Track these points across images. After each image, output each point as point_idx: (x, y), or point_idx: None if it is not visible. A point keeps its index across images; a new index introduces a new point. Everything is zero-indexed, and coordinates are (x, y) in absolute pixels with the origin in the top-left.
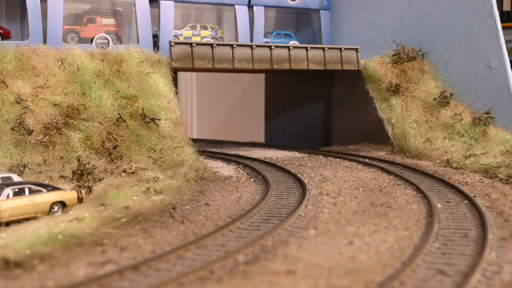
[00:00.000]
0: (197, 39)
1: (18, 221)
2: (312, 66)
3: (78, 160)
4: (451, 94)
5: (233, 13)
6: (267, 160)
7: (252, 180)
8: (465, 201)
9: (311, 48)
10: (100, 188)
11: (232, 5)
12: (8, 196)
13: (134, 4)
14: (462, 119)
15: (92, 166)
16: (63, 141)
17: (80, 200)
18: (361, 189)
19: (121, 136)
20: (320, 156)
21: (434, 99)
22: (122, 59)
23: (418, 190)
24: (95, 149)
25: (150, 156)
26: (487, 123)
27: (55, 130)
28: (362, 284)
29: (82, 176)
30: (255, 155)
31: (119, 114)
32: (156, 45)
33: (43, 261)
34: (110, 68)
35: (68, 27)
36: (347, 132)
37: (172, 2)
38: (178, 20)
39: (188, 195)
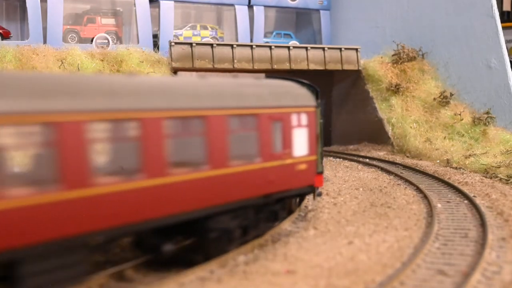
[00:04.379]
0: (197, 39)
1: None
2: (312, 66)
3: None
4: (451, 94)
5: (233, 13)
6: None
7: None
8: (465, 201)
9: (311, 48)
10: None
11: (232, 5)
12: None
13: (134, 4)
14: (462, 119)
15: None
16: None
17: None
18: (361, 189)
19: None
20: None
21: (434, 99)
22: (122, 59)
23: (418, 190)
24: None
25: None
26: (487, 123)
27: None
28: (362, 284)
29: None
30: None
31: None
32: (156, 45)
33: None
34: (110, 68)
35: (68, 27)
36: (347, 132)
37: (172, 2)
38: (178, 20)
39: None
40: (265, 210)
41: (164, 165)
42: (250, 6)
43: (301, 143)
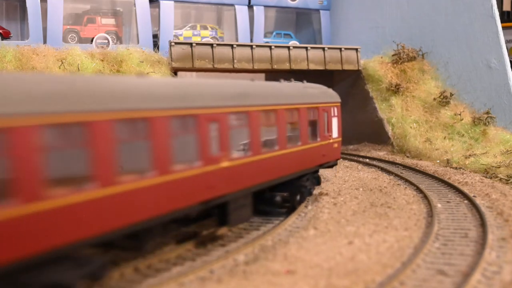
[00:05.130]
0: (197, 39)
1: None
2: (312, 66)
3: None
4: (451, 94)
5: (233, 13)
6: None
7: None
8: (465, 201)
9: (311, 48)
10: None
11: (232, 5)
12: None
13: (134, 4)
14: (462, 119)
15: None
16: None
17: None
18: (361, 189)
19: None
20: None
21: (434, 99)
22: (122, 59)
23: (418, 190)
24: None
25: None
26: (487, 123)
27: None
28: (362, 284)
29: None
30: None
31: None
32: (156, 45)
33: None
34: (110, 68)
35: (68, 27)
36: (347, 132)
37: (172, 2)
38: (178, 20)
39: None
40: (314, 176)
41: (285, 141)
42: (250, 6)
43: (335, 128)
